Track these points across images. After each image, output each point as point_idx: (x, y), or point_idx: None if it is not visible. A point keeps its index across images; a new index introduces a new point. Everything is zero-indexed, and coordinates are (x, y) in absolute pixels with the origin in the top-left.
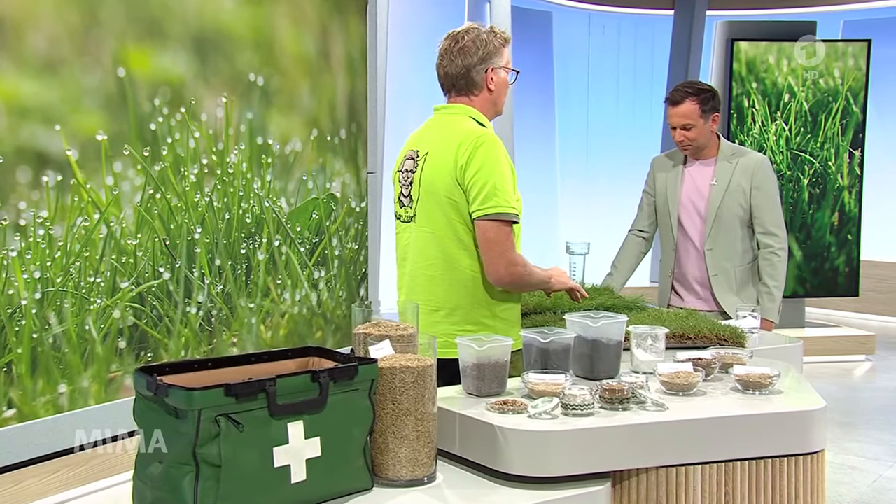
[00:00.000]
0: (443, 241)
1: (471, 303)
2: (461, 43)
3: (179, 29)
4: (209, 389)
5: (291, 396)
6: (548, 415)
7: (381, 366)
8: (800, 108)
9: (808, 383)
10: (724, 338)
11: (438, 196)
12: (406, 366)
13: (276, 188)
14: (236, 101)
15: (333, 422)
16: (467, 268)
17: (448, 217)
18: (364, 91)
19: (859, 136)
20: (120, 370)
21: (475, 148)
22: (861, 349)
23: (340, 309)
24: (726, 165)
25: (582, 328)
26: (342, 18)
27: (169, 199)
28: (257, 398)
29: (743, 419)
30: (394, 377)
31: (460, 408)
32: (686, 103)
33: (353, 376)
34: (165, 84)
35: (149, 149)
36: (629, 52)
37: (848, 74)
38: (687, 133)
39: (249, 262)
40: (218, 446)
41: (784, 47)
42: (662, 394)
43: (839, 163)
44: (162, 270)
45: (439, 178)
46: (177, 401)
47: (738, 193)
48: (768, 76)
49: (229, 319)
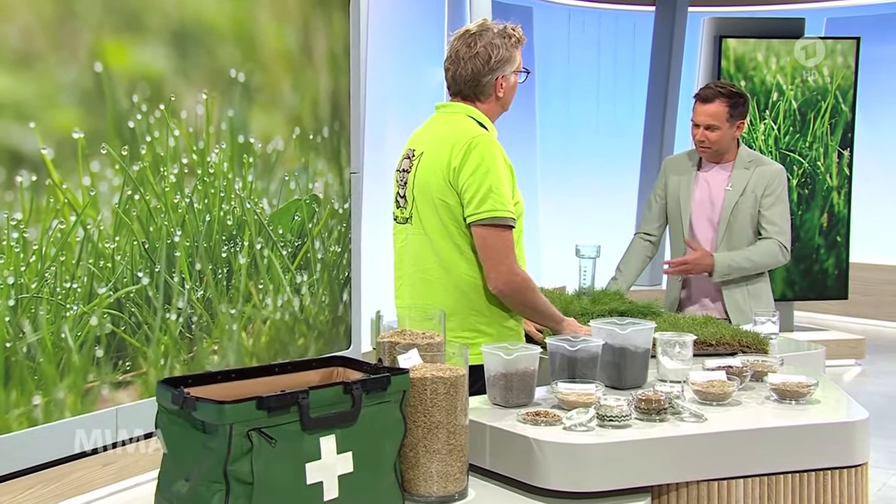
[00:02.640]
0: (438, 244)
1: (468, 309)
2: (474, 49)
3: (159, 22)
4: (240, 403)
5: (324, 409)
6: (584, 427)
7: (412, 376)
8: (788, 106)
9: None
10: (747, 344)
11: (432, 198)
12: (438, 376)
13: (257, 189)
14: (217, 97)
15: (365, 435)
16: (464, 273)
17: (442, 219)
18: (347, 88)
19: (848, 135)
20: (97, 380)
21: (469, 149)
22: (850, 353)
23: (323, 315)
24: (743, 172)
25: (609, 335)
26: (325, 13)
27: (148, 201)
28: (289, 411)
29: (785, 430)
30: (425, 388)
31: (489, 419)
32: (716, 103)
33: (385, 387)
34: (144, 80)
35: (127, 147)
36: (610, 48)
37: (837, 73)
38: (709, 134)
39: (231, 266)
40: (250, 463)
41: (772, 45)
42: (696, 404)
43: (828, 163)
44: (141, 275)
45: (433, 179)
46: (206, 415)
47: (751, 200)
48: (757, 74)
49: (210, 326)
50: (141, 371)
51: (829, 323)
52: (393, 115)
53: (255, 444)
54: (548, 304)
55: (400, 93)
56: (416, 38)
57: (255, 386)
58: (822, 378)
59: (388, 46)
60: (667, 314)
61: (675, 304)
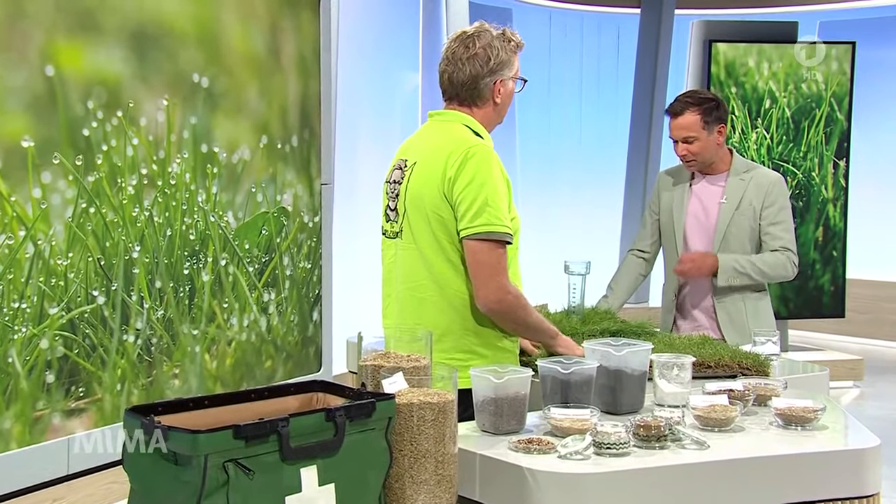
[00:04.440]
0: (430, 260)
1: (461, 329)
2: (472, 50)
3: (116, 23)
4: (216, 432)
5: (304, 438)
6: (580, 455)
7: (398, 402)
8: (781, 114)
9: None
10: (747, 366)
11: (425, 211)
12: (426, 401)
13: (222, 201)
14: (179, 104)
15: (349, 466)
16: (458, 290)
17: (435, 234)
18: (317, 94)
19: (844, 144)
20: (47, 408)
21: (465, 159)
22: (848, 374)
23: (292, 335)
24: (738, 183)
25: (603, 357)
26: (294, 14)
27: (104, 214)
28: (268, 440)
29: (792, 458)
30: (412, 414)
31: (479, 447)
32: (686, 114)
33: (369, 414)
34: (100, 84)
35: (81, 157)
36: (592, 53)
37: (832, 79)
38: (689, 147)
39: (193, 284)
40: (226, 497)
41: (764, 49)
42: (697, 430)
43: (823, 174)
44: (96, 294)
45: (426, 192)
46: (179, 445)
47: (748, 213)
48: (748, 80)
49: (171, 348)
50: (95, 397)
51: (825, 343)
52: (366, 123)
53: (231, 476)
54: (541, 319)
55: (373, 99)
56: (390, 40)
57: (229, 413)
58: (830, 402)
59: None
60: (661, 334)
61: (670, 322)
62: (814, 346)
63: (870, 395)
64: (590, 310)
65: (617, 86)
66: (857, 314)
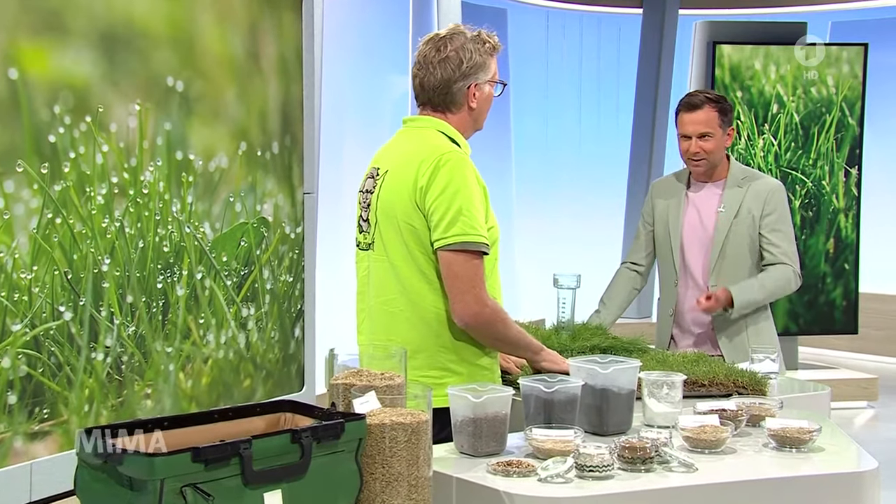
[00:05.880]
0: (402, 272)
1: (435, 345)
2: (443, 53)
3: (84, 23)
4: (173, 455)
5: (269, 461)
6: (561, 478)
7: (369, 422)
8: (790, 119)
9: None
10: (743, 385)
11: (396, 221)
12: (398, 422)
13: (198, 211)
14: (152, 108)
15: (316, 490)
16: (431, 304)
17: (407, 245)
18: (300, 98)
19: (856, 152)
20: (9, 430)
21: (437, 167)
22: (862, 394)
23: (272, 352)
24: (736, 191)
25: (589, 375)
26: (274, 14)
27: (72, 225)
28: (229, 464)
29: (785, 482)
30: (383, 435)
31: (456, 470)
32: (706, 109)
33: (338, 435)
34: (67, 88)
35: (47, 165)
36: (592, 55)
37: (843, 82)
38: (704, 144)
39: (167, 299)
40: None
41: (771, 51)
42: (686, 451)
43: (834, 182)
44: (62, 309)
45: (398, 201)
46: (134, 469)
47: (747, 222)
48: (754, 84)
49: (142, 367)
50: (61, 419)
51: (837, 360)
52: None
53: (189, 502)
54: (522, 333)
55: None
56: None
57: (190, 435)
58: (827, 423)
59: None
60: (654, 351)
61: (668, 339)
62: (826, 364)
63: (884, 416)
64: (580, 325)
65: (618, 90)
66: (872, 330)
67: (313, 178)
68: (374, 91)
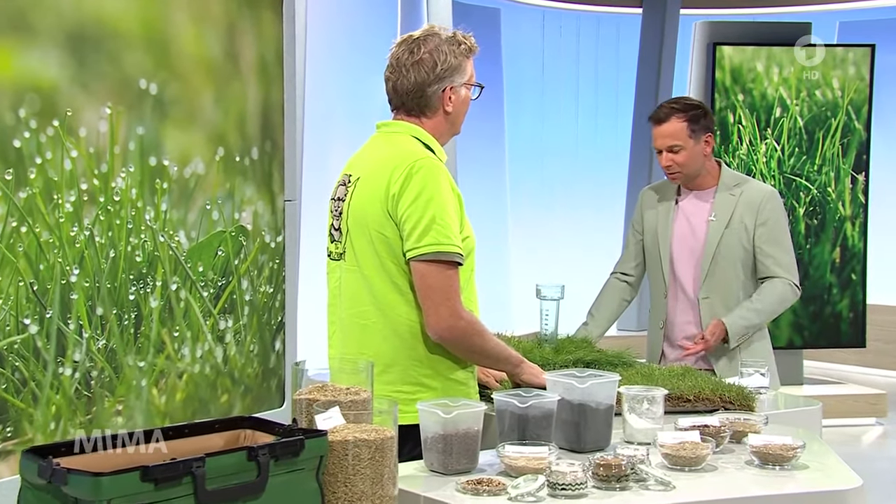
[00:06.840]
0: (374, 283)
1: (409, 358)
2: (417, 55)
3: (51, 22)
4: (121, 474)
5: (223, 480)
6: (532, 496)
7: (331, 439)
8: (793, 124)
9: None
10: (730, 400)
11: (368, 230)
12: (361, 438)
13: (173, 219)
14: (124, 112)
15: None
16: (404, 316)
17: (379, 255)
18: (280, 102)
19: (863, 157)
20: None
21: (410, 174)
22: (870, 410)
23: (251, 367)
24: (727, 198)
25: (566, 389)
26: (253, 14)
27: (38, 234)
28: (181, 483)
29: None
30: (346, 453)
31: (424, 489)
32: (672, 121)
33: (297, 452)
34: (33, 91)
35: (12, 171)
36: (590, 56)
37: (849, 85)
38: (675, 157)
39: (139, 311)
40: None
41: (774, 52)
42: (665, 469)
43: (840, 189)
44: (28, 322)
45: (370, 209)
46: (79, 490)
47: (740, 231)
48: (756, 86)
49: (113, 382)
50: (25, 438)
51: (844, 375)
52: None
53: None
54: (501, 345)
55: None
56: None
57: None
58: (814, 439)
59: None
60: (641, 365)
61: (658, 352)
62: (832, 378)
63: (894, 433)
64: (565, 338)
65: (617, 92)
66: (880, 343)
67: (295, 184)
68: (360, 94)
